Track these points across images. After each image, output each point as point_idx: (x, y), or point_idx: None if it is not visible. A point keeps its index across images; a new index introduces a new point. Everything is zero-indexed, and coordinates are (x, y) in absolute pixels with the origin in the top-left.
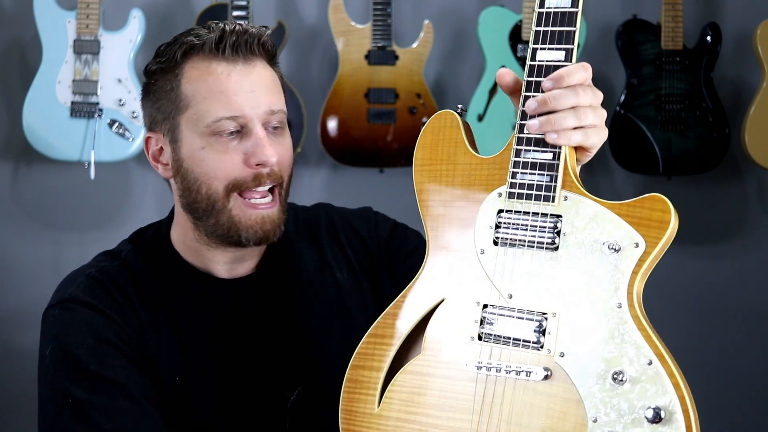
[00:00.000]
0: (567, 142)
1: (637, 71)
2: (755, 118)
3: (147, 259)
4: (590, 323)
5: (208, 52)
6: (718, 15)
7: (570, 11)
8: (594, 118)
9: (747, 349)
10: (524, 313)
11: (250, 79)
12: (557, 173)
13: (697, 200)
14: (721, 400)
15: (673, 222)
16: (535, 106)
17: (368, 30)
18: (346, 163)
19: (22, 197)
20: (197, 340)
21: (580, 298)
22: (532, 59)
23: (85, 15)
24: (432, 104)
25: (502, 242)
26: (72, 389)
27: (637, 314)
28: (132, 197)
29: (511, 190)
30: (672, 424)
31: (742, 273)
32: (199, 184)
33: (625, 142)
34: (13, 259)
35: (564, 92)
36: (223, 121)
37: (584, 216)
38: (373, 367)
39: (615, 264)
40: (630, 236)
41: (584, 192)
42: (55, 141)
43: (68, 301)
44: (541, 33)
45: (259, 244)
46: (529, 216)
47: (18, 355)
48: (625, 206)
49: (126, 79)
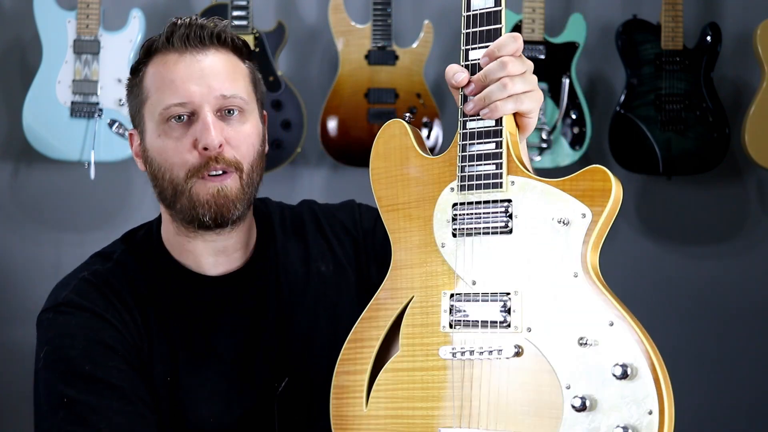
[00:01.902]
0: (503, 112)
1: (637, 71)
2: (755, 118)
3: (138, 259)
4: (551, 296)
5: (162, 47)
6: (718, 15)
7: (494, 11)
8: (523, 85)
9: (747, 349)
10: (488, 296)
11: (199, 66)
12: (502, 160)
13: (697, 200)
14: (720, 400)
15: (615, 189)
16: (472, 87)
17: (368, 30)
18: (346, 163)
19: (22, 197)
20: (187, 337)
21: (538, 273)
22: (465, 60)
23: (85, 15)
24: (432, 104)
25: (460, 233)
26: (67, 390)
27: (593, 280)
28: (132, 197)
29: (461, 183)
30: (640, 379)
31: (742, 273)
32: (162, 171)
33: (625, 142)
34: (13, 259)
35: (493, 67)
36: (173, 107)
37: (532, 196)
38: (357, 371)
39: (566, 236)
40: (576, 208)
41: (529, 174)
42: (55, 141)
43: (62, 305)
44: (470, 34)
45: (217, 221)
46: (482, 205)
47: (18, 355)
48: (568, 181)
49: (126, 79)
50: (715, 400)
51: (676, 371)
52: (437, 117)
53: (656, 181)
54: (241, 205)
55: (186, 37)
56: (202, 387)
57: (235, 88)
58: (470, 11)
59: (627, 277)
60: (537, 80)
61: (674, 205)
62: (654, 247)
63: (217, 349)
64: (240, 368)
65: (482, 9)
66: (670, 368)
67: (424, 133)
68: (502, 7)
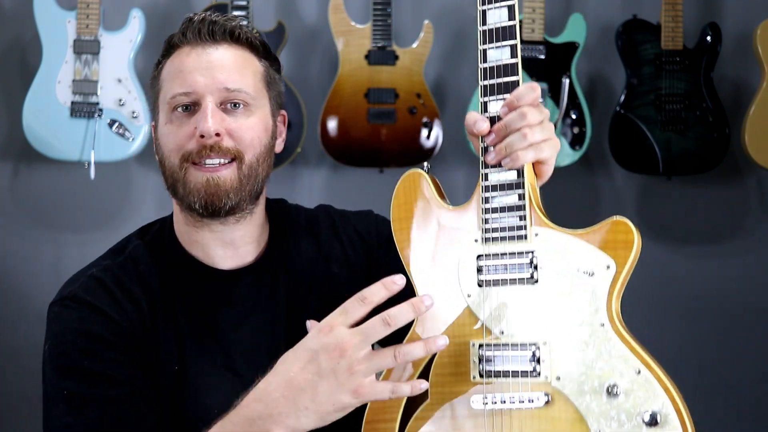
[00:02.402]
0: (523, 162)
1: (637, 71)
2: (755, 118)
3: (151, 252)
4: (579, 345)
5: (178, 41)
6: (718, 15)
7: (511, 63)
8: (542, 134)
9: (747, 349)
10: (517, 346)
11: (207, 59)
12: (526, 212)
13: (697, 200)
14: (720, 400)
15: (637, 241)
16: (493, 137)
17: (368, 30)
18: (346, 163)
19: (22, 197)
20: (194, 328)
21: (565, 323)
22: (484, 111)
23: (85, 15)
24: (432, 104)
25: (486, 283)
26: (66, 383)
27: (619, 329)
28: (132, 197)
29: (486, 236)
30: (668, 425)
31: (742, 273)
32: (164, 158)
33: (625, 142)
34: (13, 259)
35: (513, 117)
36: (178, 96)
37: (556, 248)
38: (387, 419)
39: (592, 287)
40: (601, 260)
41: (552, 225)
42: (55, 141)
43: (67, 299)
44: (488, 86)
45: (209, 209)
46: (506, 256)
47: (18, 355)
48: (591, 233)
49: (126, 79)
50: (715, 399)
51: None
52: (437, 117)
53: (656, 181)
54: (235, 196)
55: (198, 31)
56: (209, 378)
57: (242, 82)
58: (486, 63)
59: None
60: (554, 128)
61: (674, 205)
62: (654, 247)
63: (225, 342)
64: (246, 362)
65: (499, 62)
66: (669, 368)
67: (424, 133)
68: (518, 60)
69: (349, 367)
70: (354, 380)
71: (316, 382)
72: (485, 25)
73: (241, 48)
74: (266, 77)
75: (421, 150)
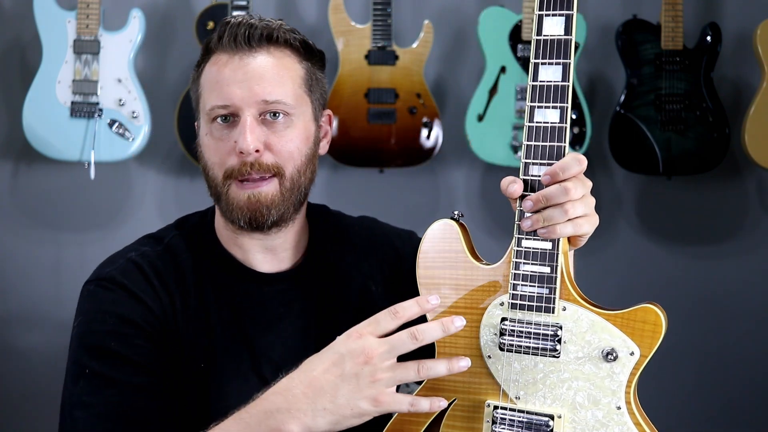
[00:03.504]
0: (560, 236)
1: (637, 71)
2: (755, 118)
3: (189, 247)
4: (592, 423)
5: (215, 47)
6: (718, 15)
7: (559, 126)
8: (583, 209)
9: (747, 349)
10: (532, 414)
11: (244, 70)
12: (555, 285)
13: (697, 200)
14: (720, 400)
15: (665, 328)
16: (531, 205)
17: (368, 30)
18: (346, 163)
19: (22, 197)
20: (225, 327)
21: (582, 400)
22: (525, 173)
23: (85, 15)
24: (432, 104)
25: (508, 348)
26: (90, 362)
27: (633, 412)
28: (132, 197)
29: (512, 301)
30: None
31: (742, 273)
32: (207, 168)
33: (625, 142)
34: (13, 259)
35: (556, 192)
36: (216, 109)
37: (582, 325)
38: None
39: (613, 370)
40: (626, 345)
41: (580, 301)
42: (55, 141)
43: (104, 280)
44: (532, 147)
45: (252, 225)
46: (531, 325)
47: (18, 355)
48: (620, 317)
49: (126, 79)
50: (715, 399)
51: (676, 371)
52: (437, 117)
53: (656, 181)
54: (277, 211)
55: (234, 37)
56: (234, 379)
57: (280, 92)
58: (533, 123)
59: (627, 277)
60: (595, 202)
61: (674, 205)
62: (654, 247)
63: (253, 344)
64: (273, 368)
65: (545, 123)
66: (669, 368)
67: (424, 133)
68: (567, 125)
69: (372, 374)
70: (375, 388)
71: (338, 384)
72: (536, 81)
73: (280, 51)
74: (307, 80)
75: (421, 150)
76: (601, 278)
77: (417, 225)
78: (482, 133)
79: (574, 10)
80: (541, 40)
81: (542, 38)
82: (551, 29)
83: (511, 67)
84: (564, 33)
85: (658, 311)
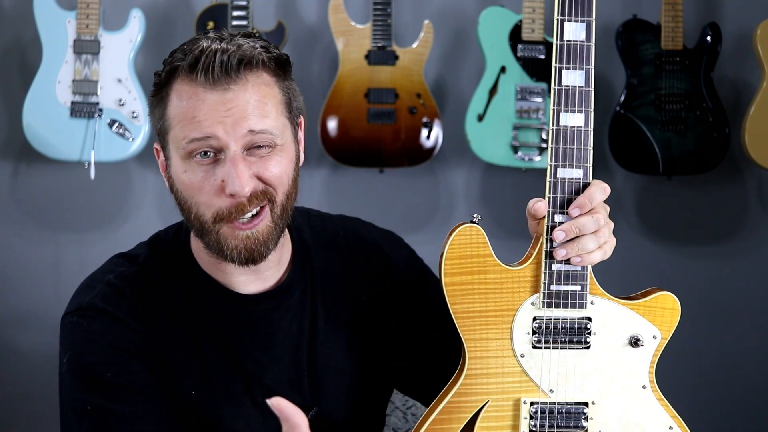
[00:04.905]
0: (590, 262)
1: (637, 71)
2: (755, 118)
3: (166, 267)
4: (622, 404)
5: (186, 75)
6: (718, 15)
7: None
8: (609, 233)
9: (747, 349)
10: (567, 405)
11: (227, 106)
12: (586, 282)
13: (697, 200)
14: (720, 400)
15: (680, 311)
16: (563, 236)
17: (368, 30)
18: (346, 163)
19: (22, 197)
20: (213, 352)
21: (611, 384)
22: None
23: (85, 15)
24: (432, 104)
25: (540, 345)
26: (90, 397)
27: (656, 388)
28: (132, 197)
29: (546, 300)
30: None
31: (742, 273)
32: (189, 206)
33: (625, 142)
34: (13, 259)
35: (587, 222)
36: (196, 142)
37: (610, 317)
38: None
39: (637, 353)
40: (649, 330)
41: (605, 294)
42: (55, 141)
43: (86, 309)
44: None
45: (247, 263)
46: (564, 321)
47: (18, 355)
48: (642, 305)
49: (126, 79)
50: (715, 399)
51: (677, 371)
52: (437, 117)
53: (656, 181)
54: (273, 243)
55: (210, 68)
56: (228, 404)
57: (265, 122)
58: (558, 126)
59: (627, 277)
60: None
61: (674, 205)
62: (654, 247)
63: (244, 368)
64: (265, 390)
65: (572, 127)
66: (669, 368)
67: (424, 133)
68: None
69: None
70: None
71: None
72: (560, 85)
73: (258, 78)
74: (286, 101)
75: (421, 150)
76: (601, 278)
77: (417, 225)
78: (482, 133)
79: (593, 17)
80: (564, 45)
81: (564, 43)
82: (572, 34)
83: (511, 67)
84: (586, 39)
85: (674, 297)
